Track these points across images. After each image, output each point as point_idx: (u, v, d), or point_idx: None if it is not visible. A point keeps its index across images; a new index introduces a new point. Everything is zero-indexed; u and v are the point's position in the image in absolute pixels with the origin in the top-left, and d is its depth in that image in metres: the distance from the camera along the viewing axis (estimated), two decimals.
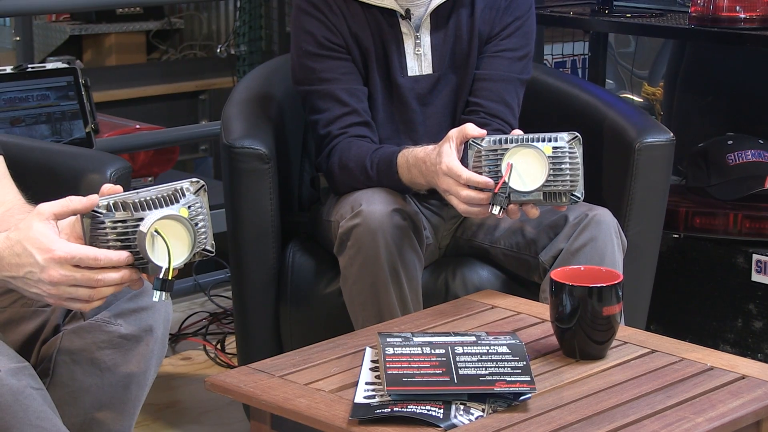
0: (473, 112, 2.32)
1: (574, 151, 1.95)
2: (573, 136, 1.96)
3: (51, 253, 1.51)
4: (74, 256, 1.52)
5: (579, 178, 1.96)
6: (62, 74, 2.91)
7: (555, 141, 1.95)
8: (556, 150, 1.94)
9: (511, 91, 2.34)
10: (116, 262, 1.53)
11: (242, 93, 2.53)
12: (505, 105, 2.33)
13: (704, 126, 3.26)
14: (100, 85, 4.14)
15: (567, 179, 1.95)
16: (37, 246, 1.52)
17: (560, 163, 1.94)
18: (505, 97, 2.33)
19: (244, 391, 1.68)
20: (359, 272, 2.12)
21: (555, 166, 1.94)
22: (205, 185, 1.60)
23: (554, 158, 1.94)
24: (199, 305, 3.43)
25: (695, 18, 2.86)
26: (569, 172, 1.95)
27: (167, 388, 2.93)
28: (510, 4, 2.35)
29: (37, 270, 1.53)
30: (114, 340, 1.72)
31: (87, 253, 1.52)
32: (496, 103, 2.32)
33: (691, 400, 1.65)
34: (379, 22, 2.31)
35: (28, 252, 1.52)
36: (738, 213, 2.84)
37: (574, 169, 1.95)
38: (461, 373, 1.63)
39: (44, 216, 1.53)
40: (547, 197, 1.96)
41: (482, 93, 2.33)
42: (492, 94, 2.33)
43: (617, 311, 1.79)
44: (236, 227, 2.38)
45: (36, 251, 1.52)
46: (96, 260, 1.52)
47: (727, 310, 2.85)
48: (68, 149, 2.38)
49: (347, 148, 2.25)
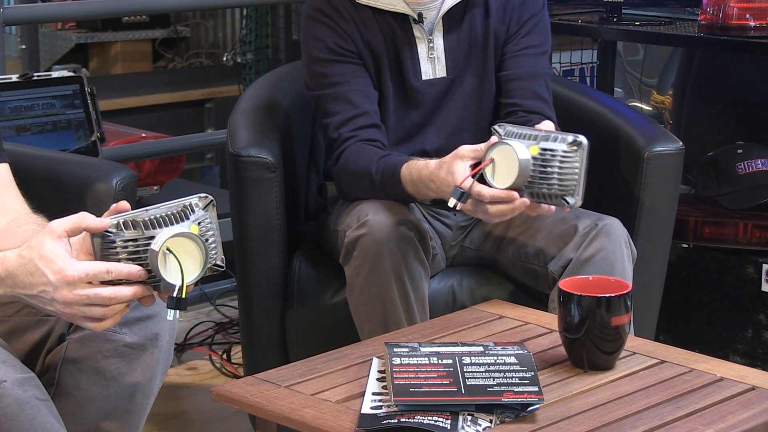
0: (512, 113, 2.32)
1: (571, 155, 1.92)
2: (574, 139, 1.93)
3: (63, 273, 1.52)
4: (87, 274, 1.52)
5: (575, 183, 1.93)
6: (68, 83, 2.92)
7: (554, 141, 1.93)
8: (545, 152, 1.92)
9: (542, 85, 2.35)
10: (128, 275, 1.54)
11: (249, 101, 2.53)
12: (541, 100, 2.33)
13: (714, 135, 3.26)
14: (105, 93, 4.15)
15: (554, 182, 1.93)
16: (49, 266, 1.53)
17: (546, 166, 1.92)
18: (540, 92, 2.34)
19: (250, 401, 1.68)
20: (365, 282, 2.12)
21: (542, 167, 1.92)
22: (214, 200, 1.61)
23: (542, 160, 1.92)
24: (205, 315, 3.44)
25: (704, 26, 2.86)
26: (557, 176, 1.93)
27: (173, 398, 2.93)
28: (524, 2, 2.36)
29: (50, 289, 1.53)
30: (119, 349, 1.72)
31: (99, 267, 1.53)
32: (532, 100, 2.32)
33: (700, 412, 1.65)
34: (392, 27, 2.31)
35: (40, 271, 1.53)
36: (748, 222, 2.84)
37: (567, 174, 1.92)
38: (469, 384, 1.62)
39: (56, 234, 1.54)
40: (538, 198, 1.96)
41: (517, 92, 2.33)
42: (526, 92, 2.33)
43: (626, 321, 1.79)
44: (242, 236, 2.38)
45: (48, 271, 1.53)
46: (108, 273, 1.53)
47: (736, 320, 2.85)
48: (74, 158, 2.39)
49: (356, 152, 2.25)
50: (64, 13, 3.62)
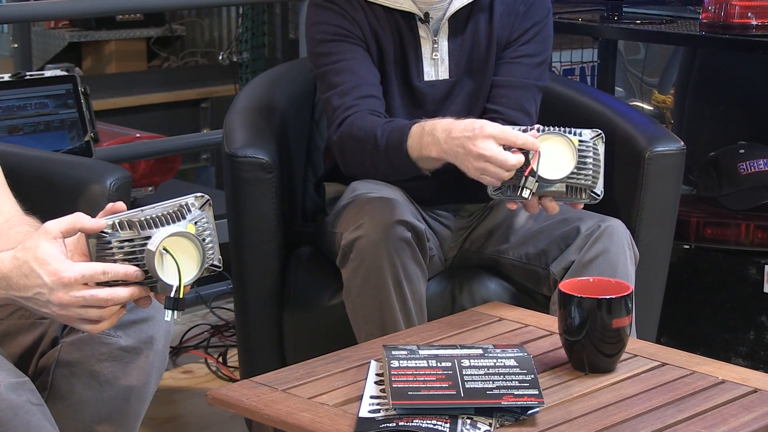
0: (491, 120, 2.32)
1: (597, 147, 1.99)
2: (596, 133, 2.00)
3: (59, 275, 1.52)
4: (83, 275, 1.52)
5: (600, 175, 2.00)
6: (61, 82, 2.92)
7: (580, 135, 1.98)
8: (582, 143, 1.97)
9: (529, 98, 2.35)
10: (124, 276, 1.54)
11: (245, 101, 2.53)
12: (523, 112, 2.34)
13: (715, 134, 3.26)
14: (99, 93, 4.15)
15: (590, 174, 1.98)
16: (44, 268, 1.52)
17: (585, 157, 1.98)
18: (524, 104, 2.34)
19: (246, 405, 1.68)
20: (362, 285, 2.12)
21: (580, 159, 1.97)
22: (210, 200, 1.61)
23: (579, 151, 1.96)
24: (201, 317, 3.44)
25: (706, 25, 2.87)
26: (592, 168, 1.98)
27: (168, 402, 2.93)
28: (529, 9, 2.36)
29: (46, 291, 1.53)
30: (113, 352, 1.72)
31: (95, 269, 1.53)
32: (514, 110, 2.33)
33: (702, 414, 1.65)
34: (399, 25, 2.32)
35: (36, 273, 1.53)
36: (750, 223, 2.84)
37: (597, 166, 1.99)
38: (468, 387, 1.63)
39: (51, 235, 1.54)
40: (569, 191, 1.99)
41: (501, 100, 2.34)
42: (511, 102, 2.34)
43: (627, 323, 1.79)
44: (239, 238, 2.38)
45: (44, 273, 1.53)
46: (104, 274, 1.53)
47: (739, 322, 2.85)
48: (67, 158, 2.38)
49: (361, 118, 2.23)
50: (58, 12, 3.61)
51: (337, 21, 2.30)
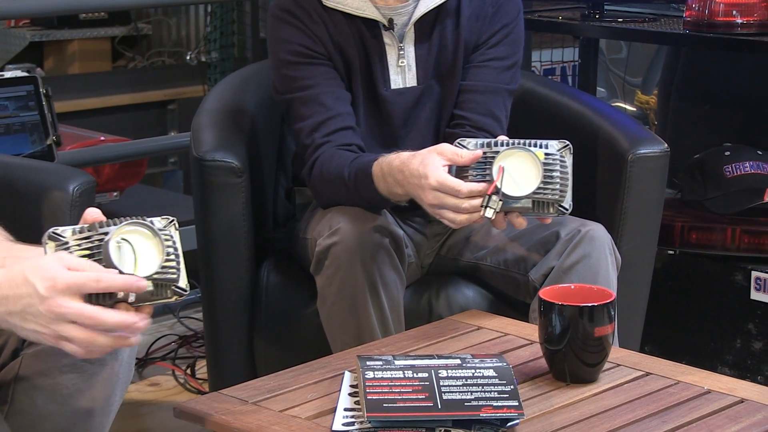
0: (459, 126, 2.33)
1: (565, 159, 1.97)
2: (564, 144, 1.97)
3: (53, 281, 1.50)
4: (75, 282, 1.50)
5: (568, 188, 1.97)
6: (22, 83, 2.91)
7: (546, 147, 1.96)
8: (548, 156, 1.95)
9: (498, 102, 2.35)
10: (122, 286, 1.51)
11: (213, 103, 2.53)
12: (492, 118, 2.33)
13: (700, 136, 3.27)
14: (62, 94, 4.13)
15: (557, 188, 1.95)
16: (40, 275, 1.51)
17: (551, 171, 1.95)
18: (493, 110, 2.34)
19: (215, 418, 1.68)
20: (337, 292, 2.12)
21: (546, 173, 1.95)
22: (176, 220, 1.60)
23: (546, 165, 1.95)
24: (168, 327, 3.43)
25: (690, 23, 2.88)
26: (559, 181, 1.96)
27: (134, 416, 2.92)
28: (497, 11, 2.36)
29: (37, 301, 1.51)
30: (77, 364, 1.71)
31: (88, 275, 1.51)
32: (482, 116, 2.33)
33: (687, 426, 1.66)
34: (362, 33, 2.31)
35: (29, 282, 1.51)
36: (736, 228, 2.86)
37: (564, 179, 1.96)
38: (445, 398, 1.63)
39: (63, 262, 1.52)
40: (536, 206, 1.97)
41: (468, 105, 2.34)
42: (479, 107, 2.33)
43: (610, 332, 1.79)
44: (207, 245, 2.37)
45: (38, 280, 1.51)
46: (98, 282, 1.51)
47: (725, 330, 2.86)
48: (28, 163, 2.37)
49: (329, 159, 2.24)
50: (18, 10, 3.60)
51: (299, 39, 2.29)
